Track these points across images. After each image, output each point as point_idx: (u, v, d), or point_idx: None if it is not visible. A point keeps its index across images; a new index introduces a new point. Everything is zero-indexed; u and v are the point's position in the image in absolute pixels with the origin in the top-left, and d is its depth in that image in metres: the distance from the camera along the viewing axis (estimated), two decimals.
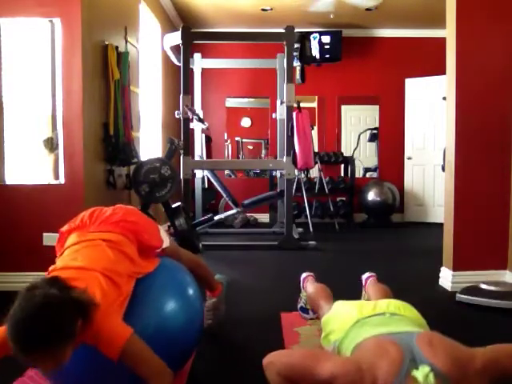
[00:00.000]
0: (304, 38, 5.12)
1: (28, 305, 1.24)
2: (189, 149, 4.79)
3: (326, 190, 6.54)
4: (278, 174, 6.02)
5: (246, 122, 7.72)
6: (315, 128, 7.30)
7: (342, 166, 7.26)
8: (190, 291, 1.81)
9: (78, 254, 1.57)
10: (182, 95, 4.73)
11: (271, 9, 6.20)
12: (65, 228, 1.76)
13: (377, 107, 7.30)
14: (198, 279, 2.11)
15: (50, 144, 3.31)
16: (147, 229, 1.82)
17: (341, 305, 1.88)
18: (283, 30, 4.77)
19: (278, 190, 5.82)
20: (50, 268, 1.53)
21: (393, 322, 1.60)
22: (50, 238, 3.06)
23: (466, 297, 2.92)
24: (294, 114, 4.84)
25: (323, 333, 1.82)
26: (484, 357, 1.29)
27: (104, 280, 1.45)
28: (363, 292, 2.53)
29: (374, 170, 7.46)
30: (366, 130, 7.40)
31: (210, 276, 2.31)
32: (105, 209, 1.81)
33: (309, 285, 2.50)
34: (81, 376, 1.52)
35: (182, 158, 4.74)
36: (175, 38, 4.90)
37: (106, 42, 3.72)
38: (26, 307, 1.23)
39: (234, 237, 5.62)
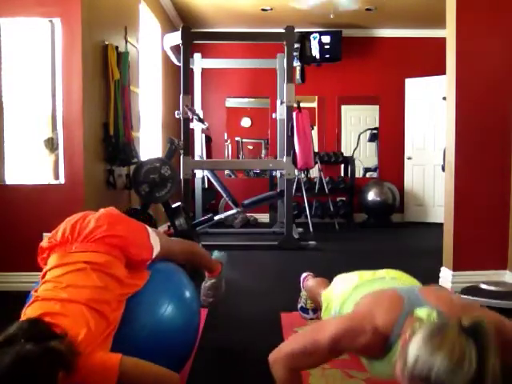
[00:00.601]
0: (304, 38, 5.12)
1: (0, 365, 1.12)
2: (189, 149, 4.79)
3: (326, 190, 6.54)
4: (278, 173, 6.02)
5: (246, 122, 7.72)
6: (315, 128, 7.30)
7: (342, 165, 7.26)
8: (186, 293, 1.80)
9: (60, 280, 1.46)
10: (181, 95, 4.73)
11: (271, 9, 6.20)
12: (45, 244, 1.63)
13: (377, 107, 7.30)
14: (196, 265, 2.08)
15: (51, 144, 3.31)
16: (135, 240, 1.68)
17: (341, 277, 1.89)
18: (283, 30, 4.77)
19: (278, 190, 5.82)
20: (33, 294, 1.45)
21: (394, 283, 1.61)
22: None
23: (466, 297, 2.92)
24: (294, 114, 4.84)
25: (323, 306, 1.82)
26: (489, 317, 1.26)
27: (89, 313, 1.36)
28: None
29: (374, 170, 7.46)
30: (366, 130, 7.40)
31: (206, 260, 2.25)
32: (87, 218, 1.67)
33: (309, 281, 2.51)
34: None
35: (182, 157, 4.73)
36: (175, 37, 4.90)
37: (106, 42, 3.71)
38: None
39: (234, 237, 5.62)
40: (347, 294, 1.62)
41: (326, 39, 6.87)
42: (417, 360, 1.08)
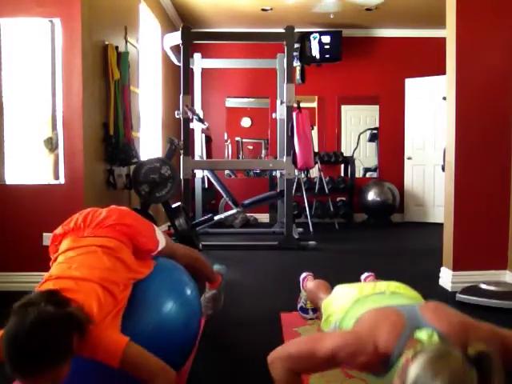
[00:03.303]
0: (304, 38, 5.13)
1: (22, 322, 1.20)
2: (189, 149, 4.79)
3: (326, 190, 6.54)
4: (278, 173, 6.02)
5: (245, 122, 7.72)
6: (315, 128, 7.30)
7: (342, 166, 7.26)
8: (188, 291, 1.82)
9: (73, 261, 1.53)
10: (181, 95, 4.73)
11: (271, 9, 6.20)
12: (58, 231, 1.71)
13: (377, 107, 7.31)
14: (197, 272, 2.10)
15: (50, 144, 3.31)
16: (143, 231, 1.78)
17: (341, 288, 1.88)
18: (283, 30, 4.77)
19: (278, 190, 5.82)
20: (45, 276, 1.49)
21: (394, 298, 1.59)
22: (49, 238, 3.05)
23: (465, 297, 2.92)
24: (294, 114, 4.84)
25: (323, 316, 1.82)
26: (489, 331, 1.27)
27: (101, 291, 1.43)
28: None
29: (374, 170, 7.46)
30: (365, 130, 7.41)
31: (207, 268, 2.28)
32: (99, 211, 1.77)
33: (309, 282, 2.51)
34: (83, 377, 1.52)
35: (182, 157, 4.74)
36: (175, 38, 4.90)
37: (106, 42, 3.72)
38: (20, 325, 1.20)
39: (234, 237, 5.61)
40: (347, 309, 1.61)
41: (326, 39, 6.87)
42: (416, 382, 1.07)
